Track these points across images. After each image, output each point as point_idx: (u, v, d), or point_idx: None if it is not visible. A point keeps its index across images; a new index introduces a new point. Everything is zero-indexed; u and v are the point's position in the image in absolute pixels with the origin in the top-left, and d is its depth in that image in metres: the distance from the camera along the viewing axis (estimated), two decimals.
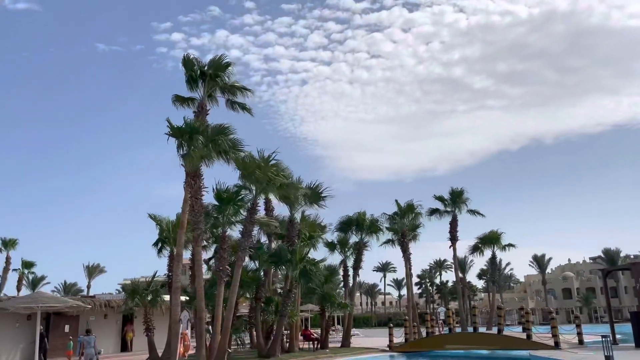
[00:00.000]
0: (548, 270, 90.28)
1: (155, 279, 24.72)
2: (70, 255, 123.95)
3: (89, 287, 77.39)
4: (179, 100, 20.47)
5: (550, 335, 21.38)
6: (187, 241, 21.43)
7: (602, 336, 15.49)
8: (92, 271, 78.60)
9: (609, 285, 30.63)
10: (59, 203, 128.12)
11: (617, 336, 22.55)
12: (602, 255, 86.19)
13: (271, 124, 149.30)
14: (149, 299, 23.34)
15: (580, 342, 22.06)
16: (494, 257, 39.62)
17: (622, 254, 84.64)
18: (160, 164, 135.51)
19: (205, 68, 19.82)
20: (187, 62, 19.97)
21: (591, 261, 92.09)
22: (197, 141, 17.65)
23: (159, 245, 24.56)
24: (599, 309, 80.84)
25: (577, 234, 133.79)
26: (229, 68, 20.18)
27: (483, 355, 24.05)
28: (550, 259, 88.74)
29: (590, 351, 18.54)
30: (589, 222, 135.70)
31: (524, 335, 22.37)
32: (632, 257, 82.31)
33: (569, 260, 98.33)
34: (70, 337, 23.47)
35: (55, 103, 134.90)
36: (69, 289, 78.61)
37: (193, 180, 18.25)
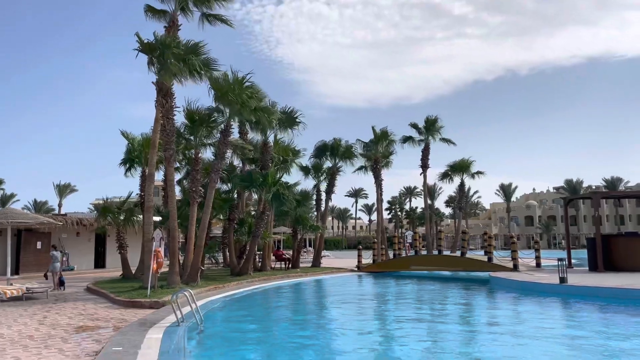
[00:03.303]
0: (513, 198, 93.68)
1: (129, 199, 24.71)
2: (40, 174, 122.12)
3: (60, 205, 77.14)
4: (151, 11, 19.27)
5: (510, 258, 22.55)
6: (159, 162, 21.25)
7: (558, 259, 16.40)
8: (63, 190, 78.01)
9: (569, 213, 32.12)
10: (26, 120, 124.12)
11: (573, 261, 23.91)
12: (565, 185, 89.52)
13: (245, 45, 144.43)
14: (121, 218, 23.44)
15: (538, 265, 23.39)
16: (462, 184, 40.67)
17: (584, 185, 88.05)
18: (131, 83, 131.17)
19: None
20: None
21: (554, 191, 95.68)
22: (169, 58, 17.00)
23: (128, 164, 24.32)
24: (558, 236, 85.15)
25: (544, 165, 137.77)
26: None
27: (446, 276, 25.31)
28: (516, 187, 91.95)
29: (546, 273, 19.69)
30: (556, 153, 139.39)
31: (485, 258, 23.54)
32: (593, 187, 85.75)
33: (534, 189, 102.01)
34: None
35: (19, 17, 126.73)
36: (39, 207, 78.11)
37: (164, 99, 17.76)
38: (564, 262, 16.21)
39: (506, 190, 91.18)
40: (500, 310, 14.26)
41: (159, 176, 25.65)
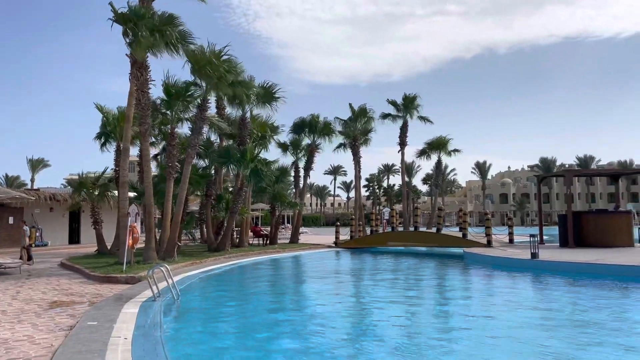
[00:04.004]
0: (488, 176, 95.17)
1: (104, 174, 24.33)
2: (11, 149, 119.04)
3: (32, 181, 75.59)
4: None
5: (484, 234, 22.99)
6: (134, 136, 20.89)
7: (531, 235, 16.76)
8: (36, 165, 76.38)
9: (542, 191, 32.81)
10: None
11: (545, 237, 24.50)
12: (539, 163, 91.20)
13: (223, 18, 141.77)
14: (96, 193, 23.08)
15: (511, 241, 23.91)
16: (439, 162, 41.05)
17: (557, 163, 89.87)
18: (105, 56, 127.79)
19: None
20: None
21: (529, 169, 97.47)
22: (143, 29, 16.57)
23: (103, 139, 23.88)
24: (531, 213, 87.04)
25: (519, 143, 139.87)
26: None
27: (422, 252, 25.72)
28: (490, 165, 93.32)
29: (519, 249, 20.15)
30: (531, 131, 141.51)
31: (460, 235, 23.96)
32: (566, 165, 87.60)
33: (509, 167, 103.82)
34: None
35: None
36: (11, 182, 76.41)
37: (139, 72, 17.35)
38: (536, 238, 16.59)
39: (482, 168, 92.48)
40: (473, 285, 14.60)
41: (134, 151, 25.26)
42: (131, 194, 21.81)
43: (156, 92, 24.26)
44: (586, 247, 20.11)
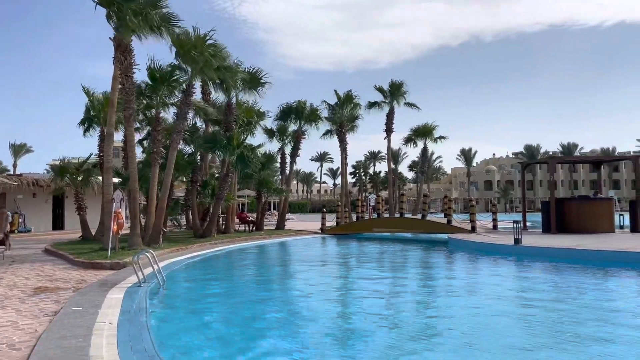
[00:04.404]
0: (473, 163, 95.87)
1: (89, 160, 24.05)
2: None
3: (15, 166, 74.59)
4: None
5: (469, 221, 23.24)
6: (118, 121, 20.64)
7: (514, 222, 16.99)
8: (19, 150, 75.33)
9: (526, 178, 33.26)
10: None
11: (528, 223, 24.83)
12: (524, 150, 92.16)
13: (208, 2, 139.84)
14: (79, 178, 22.84)
15: (495, 227, 24.23)
16: (425, 148, 41.28)
17: (542, 150, 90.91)
18: (88, 40, 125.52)
19: None
20: None
21: (513, 156, 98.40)
22: (127, 14, 16.28)
23: (86, 124, 23.58)
24: (515, 200, 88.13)
25: (504, 130, 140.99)
26: None
27: (407, 238, 25.92)
28: (476, 152, 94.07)
29: (502, 235, 20.42)
30: (516, 119, 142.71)
31: (445, 221, 24.20)
32: (550, 153, 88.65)
33: (494, 154, 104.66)
34: None
35: None
36: None
37: (123, 56, 17.09)
38: (519, 225, 16.81)
39: (467, 155, 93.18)
40: (457, 270, 14.79)
41: (118, 137, 25.00)
42: (116, 180, 21.61)
43: (141, 76, 24.00)
44: (568, 233, 20.43)
